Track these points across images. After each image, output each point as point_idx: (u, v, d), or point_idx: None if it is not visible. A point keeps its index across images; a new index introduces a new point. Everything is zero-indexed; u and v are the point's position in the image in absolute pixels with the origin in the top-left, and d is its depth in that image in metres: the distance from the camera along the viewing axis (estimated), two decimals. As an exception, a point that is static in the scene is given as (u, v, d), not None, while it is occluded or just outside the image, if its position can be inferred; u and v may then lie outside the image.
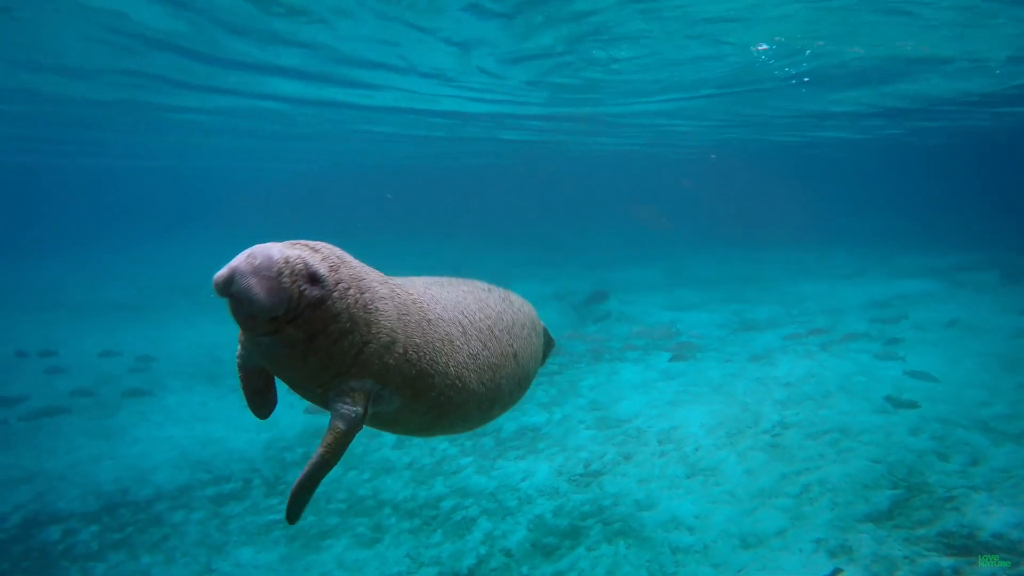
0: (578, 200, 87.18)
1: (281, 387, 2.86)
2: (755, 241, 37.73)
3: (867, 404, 10.54)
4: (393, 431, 3.00)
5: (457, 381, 2.88)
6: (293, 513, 2.49)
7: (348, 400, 2.48)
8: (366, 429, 2.86)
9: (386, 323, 2.63)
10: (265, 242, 2.47)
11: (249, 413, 2.98)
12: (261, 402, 2.87)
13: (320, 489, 9.35)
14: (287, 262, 2.36)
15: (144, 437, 11.62)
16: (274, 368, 2.57)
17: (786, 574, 6.69)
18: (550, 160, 46.43)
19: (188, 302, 23.51)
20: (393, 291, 2.75)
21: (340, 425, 2.47)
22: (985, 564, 6.30)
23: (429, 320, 2.87)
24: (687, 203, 79.37)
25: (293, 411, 11.50)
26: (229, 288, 2.30)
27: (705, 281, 24.13)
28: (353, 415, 2.47)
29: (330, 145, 35.44)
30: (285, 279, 2.32)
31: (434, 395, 2.76)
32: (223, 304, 2.36)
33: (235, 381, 2.82)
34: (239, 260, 2.33)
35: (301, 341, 2.40)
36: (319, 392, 2.57)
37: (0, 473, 10.25)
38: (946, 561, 6.43)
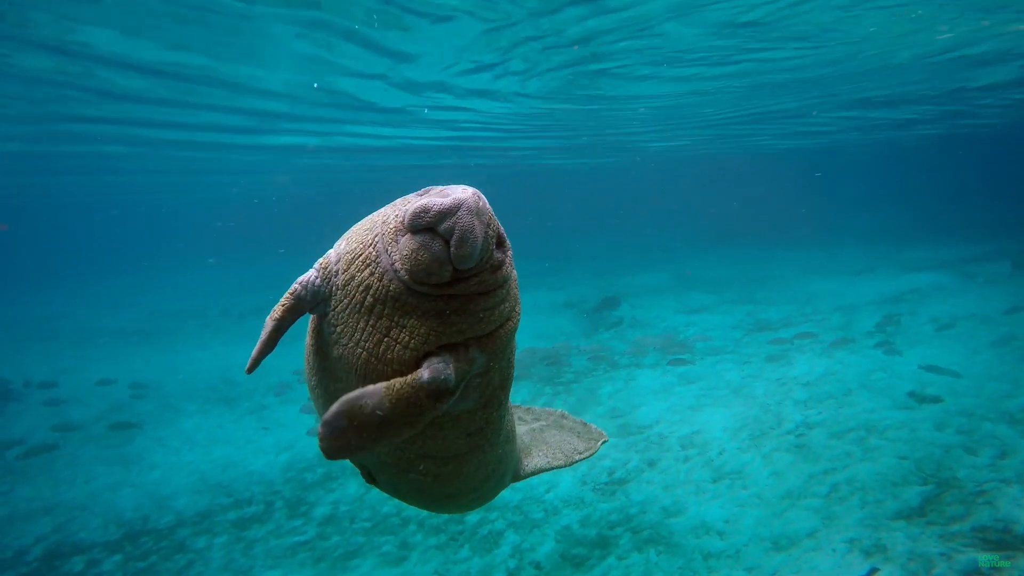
0: (584, 207, 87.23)
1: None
2: (763, 241, 37.62)
3: (889, 400, 10.44)
4: (402, 473, 2.54)
5: (500, 425, 2.66)
6: (329, 446, 2.06)
7: (449, 359, 2.05)
8: None
9: (520, 312, 2.39)
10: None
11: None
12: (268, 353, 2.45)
13: (343, 508, 9.30)
14: (492, 217, 2.10)
15: (162, 463, 11.58)
16: (377, 321, 2.10)
17: (822, 575, 6.60)
18: (555, 174, 46.58)
19: (197, 325, 23.51)
20: None
21: (423, 376, 1.97)
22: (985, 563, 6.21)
23: None
24: (690, 205, 79.39)
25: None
26: (446, 220, 1.95)
27: (715, 283, 24.03)
28: (444, 375, 2.00)
29: (337, 175, 35.68)
30: (490, 231, 2.07)
31: (493, 415, 2.47)
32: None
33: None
34: (467, 194, 1.99)
35: (461, 299, 2.10)
36: (406, 361, 2.08)
37: (20, 506, 10.22)
38: (983, 556, 6.32)
